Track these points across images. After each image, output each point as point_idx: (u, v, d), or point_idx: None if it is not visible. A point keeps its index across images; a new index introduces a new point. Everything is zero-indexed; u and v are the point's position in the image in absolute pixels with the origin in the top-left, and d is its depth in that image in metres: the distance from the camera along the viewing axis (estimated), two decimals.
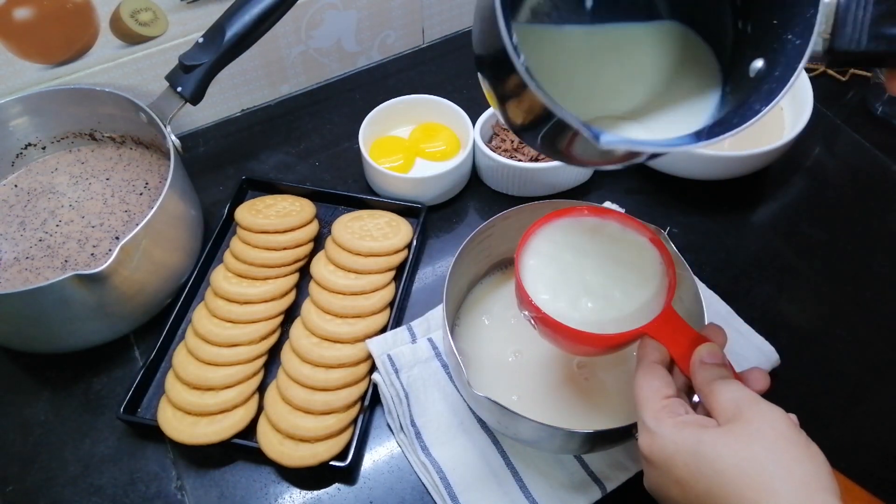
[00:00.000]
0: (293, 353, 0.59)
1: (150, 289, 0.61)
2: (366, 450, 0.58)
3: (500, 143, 0.72)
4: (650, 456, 0.39)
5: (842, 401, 0.60)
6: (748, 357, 0.59)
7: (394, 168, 0.70)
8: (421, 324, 0.62)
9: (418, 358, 0.59)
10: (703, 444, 0.37)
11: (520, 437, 0.51)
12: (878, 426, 0.58)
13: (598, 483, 0.54)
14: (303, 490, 0.56)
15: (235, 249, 0.64)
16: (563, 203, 0.57)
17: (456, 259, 0.54)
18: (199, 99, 0.65)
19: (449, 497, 0.53)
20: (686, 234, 0.69)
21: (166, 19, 0.69)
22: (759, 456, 0.36)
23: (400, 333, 0.60)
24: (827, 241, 0.69)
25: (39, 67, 0.67)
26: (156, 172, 0.70)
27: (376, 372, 0.58)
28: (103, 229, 0.66)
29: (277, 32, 0.75)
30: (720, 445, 0.36)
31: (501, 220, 0.57)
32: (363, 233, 0.65)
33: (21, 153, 0.70)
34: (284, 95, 0.83)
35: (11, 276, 0.63)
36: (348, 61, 0.84)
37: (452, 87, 0.82)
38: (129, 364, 0.62)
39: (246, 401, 0.57)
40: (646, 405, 0.41)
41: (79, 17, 0.65)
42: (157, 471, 0.57)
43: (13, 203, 0.68)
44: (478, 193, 0.73)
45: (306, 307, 0.62)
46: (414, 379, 0.58)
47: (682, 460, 0.38)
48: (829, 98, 0.81)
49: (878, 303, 0.65)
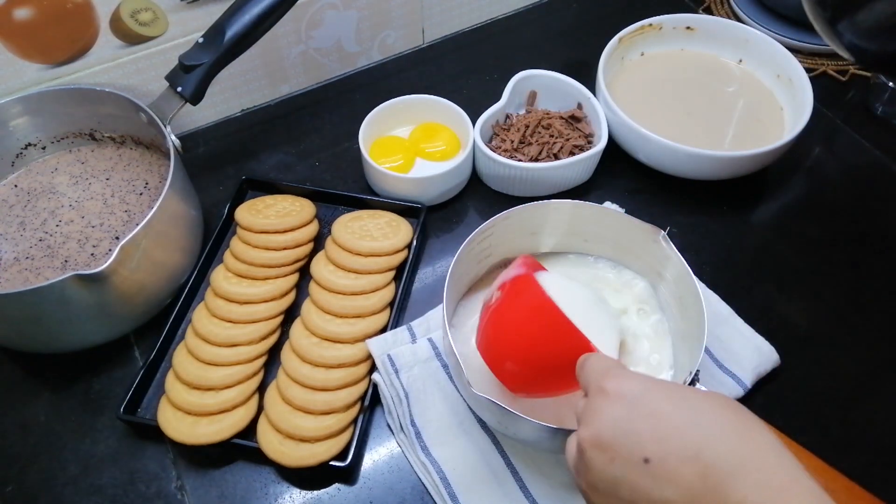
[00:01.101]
0: (293, 353, 0.59)
1: (150, 289, 0.61)
2: (366, 450, 0.58)
3: (500, 143, 0.72)
4: (622, 390, 0.38)
5: (842, 401, 0.60)
6: (748, 357, 0.59)
7: (394, 168, 0.70)
8: (421, 324, 0.62)
9: (418, 358, 0.59)
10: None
11: (519, 436, 0.51)
12: (878, 426, 0.58)
13: None
14: (303, 490, 0.56)
15: (235, 249, 0.64)
16: (563, 203, 0.57)
17: (456, 259, 0.54)
18: (199, 99, 0.65)
19: (449, 497, 0.53)
20: (686, 234, 0.69)
21: (166, 19, 0.69)
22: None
23: (400, 333, 0.60)
24: (827, 241, 0.69)
25: (39, 67, 0.67)
26: (156, 172, 0.70)
27: (376, 372, 0.58)
28: (103, 229, 0.66)
29: (277, 32, 0.75)
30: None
31: (502, 220, 0.57)
32: (363, 233, 0.65)
33: (21, 153, 0.70)
34: (284, 95, 0.83)
35: (11, 276, 0.63)
36: (348, 61, 0.84)
37: (452, 87, 0.82)
38: (129, 364, 0.62)
39: (246, 401, 0.57)
40: (604, 359, 0.43)
41: (79, 17, 0.65)
42: (157, 471, 0.57)
43: (13, 203, 0.68)
44: (478, 193, 0.73)
45: (306, 307, 0.62)
46: (414, 379, 0.58)
47: (665, 390, 0.37)
48: (829, 98, 0.81)
49: (878, 302, 0.65)
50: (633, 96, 0.76)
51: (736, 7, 0.89)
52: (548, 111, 0.75)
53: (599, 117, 0.71)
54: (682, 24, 0.80)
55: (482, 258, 0.61)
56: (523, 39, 0.89)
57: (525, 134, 0.72)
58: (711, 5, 0.92)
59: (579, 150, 0.71)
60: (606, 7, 0.92)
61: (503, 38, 0.89)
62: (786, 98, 0.75)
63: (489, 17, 0.91)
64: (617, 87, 0.77)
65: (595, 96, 0.73)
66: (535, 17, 0.92)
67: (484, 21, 0.91)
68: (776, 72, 0.76)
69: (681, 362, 0.56)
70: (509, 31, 0.90)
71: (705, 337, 0.51)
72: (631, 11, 0.82)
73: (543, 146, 0.71)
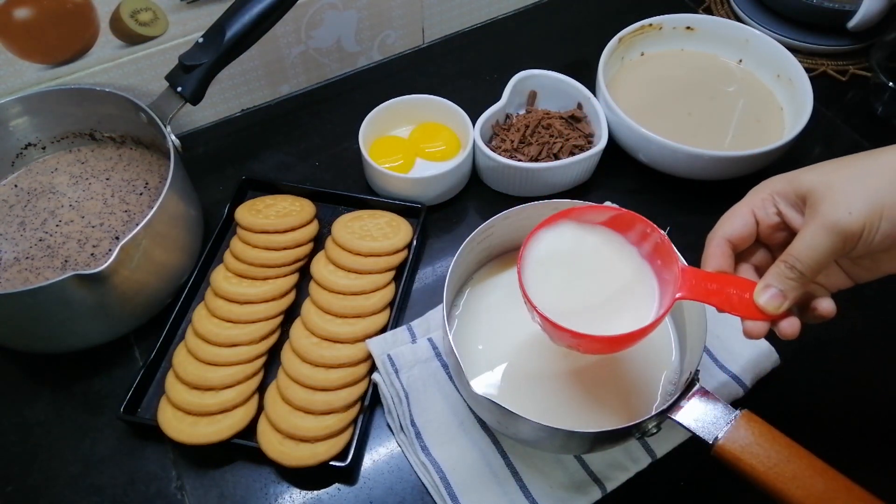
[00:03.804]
0: (293, 353, 0.59)
1: (150, 289, 0.61)
2: (366, 450, 0.58)
3: (500, 143, 0.72)
4: None
5: (842, 401, 0.60)
6: (748, 356, 0.59)
7: (394, 168, 0.70)
8: (421, 324, 0.62)
9: (418, 358, 0.59)
10: None
11: (520, 436, 0.51)
12: (878, 426, 0.58)
13: (598, 483, 0.54)
14: (303, 490, 0.56)
15: (235, 249, 0.64)
16: (563, 203, 0.57)
17: (456, 259, 0.54)
18: (199, 99, 0.65)
19: (449, 497, 0.53)
20: (686, 234, 0.69)
21: (166, 19, 0.69)
22: None
23: (400, 333, 0.60)
24: None
25: (39, 67, 0.67)
26: (156, 172, 0.70)
27: (376, 372, 0.58)
28: (103, 229, 0.66)
29: (277, 32, 0.75)
30: None
31: (502, 220, 0.57)
32: (363, 233, 0.65)
33: (21, 153, 0.70)
34: (284, 95, 0.83)
35: (11, 276, 0.63)
36: (348, 61, 0.84)
37: (452, 87, 0.82)
38: (129, 364, 0.62)
39: (246, 401, 0.57)
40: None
41: (79, 17, 0.65)
42: (157, 471, 0.57)
43: (13, 203, 0.68)
44: (478, 193, 0.73)
45: (306, 307, 0.62)
46: (414, 379, 0.58)
47: None
48: (829, 98, 0.81)
49: (878, 302, 0.65)
50: (633, 96, 0.76)
51: (736, 7, 0.89)
52: (548, 111, 0.75)
53: (599, 117, 0.71)
54: (682, 24, 0.80)
55: (483, 258, 0.61)
56: (523, 39, 0.89)
57: (525, 134, 0.72)
58: (711, 5, 0.92)
59: (579, 150, 0.71)
60: (606, 7, 0.92)
61: (503, 38, 0.89)
62: (786, 98, 0.75)
63: (489, 17, 0.91)
64: (617, 87, 0.77)
65: (595, 96, 0.73)
66: (535, 17, 0.92)
67: (484, 21, 0.91)
68: (776, 72, 0.76)
69: (681, 362, 0.56)
70: (509, 31, 0.90)
71: (705, 336, 0.51)
72: (631, 11, 0.82)
73: (543, 146, 0.71)
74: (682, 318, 0.57)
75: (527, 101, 0.77)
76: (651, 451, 0.56)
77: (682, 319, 0.57)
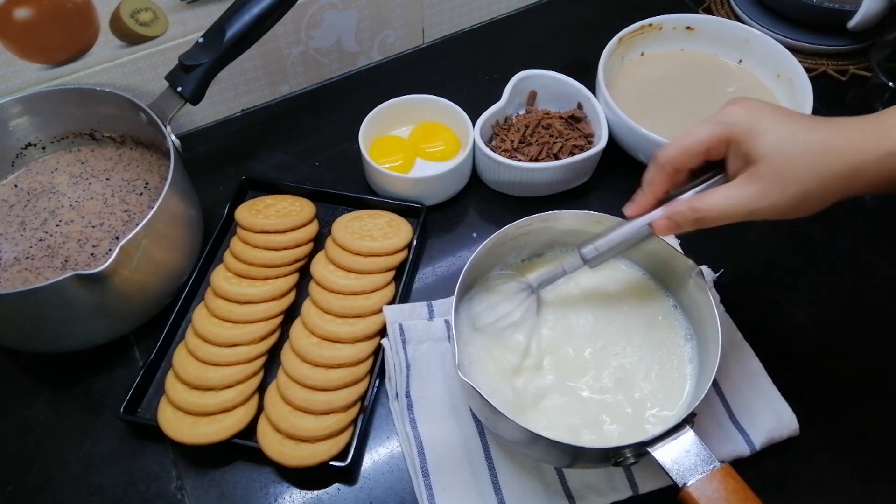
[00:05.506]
0: (293, 353, 0.59)
1: (150, 289, 0.61)
2: (366, 450, 0.58)
3: (500, 143, 0.72)
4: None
5: (842, 401, 0.60)
6: (765, 418, 0.56)
7: (394, 168, 0.70)
8: (442, 304, 0.63)
9: (431, 335, 0.60)
10: None
11: (499, 431, 0.52)
12: (878, 426, 0.58)
13: (570, 500, 0.53)
14: (303, 490, 0.56)
15: (235, 249, 0.64)
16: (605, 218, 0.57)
17: (481, 250, 0.54)
18: (199, 99, 0.65)
19: (422, 472, 0.54)
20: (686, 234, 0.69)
21: (166, 19, 0.69)
22: None
23: (419, 308, 0.62)
24: (827, 241, 0.69)
25: (39, 67, 0.67)
26: (156, 172, 0.70)
27: (385, 337, 0.59)
28: (103, 229, 0.66)
29: (277, 32, 0.75)
30: None
31: (540, 222, 0.57)
32: (363, 233, 0.65)
33: (21, 153, 0.70)
34: (284, 95, 0.83)
35: (11, 276, 0.63)
36: (348, 61, 0.84)
37: (452, 87, 0.82)
38: (129, 364, 0.62)
39: (246, 401, 0.57)
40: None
41: (79, 17, 0.65)
42: (157, 471, 0.57)
43: (13, 203, 0.68)
44: (478, 193, 0.73)
45: (306, 307, 0.62)
46: (420, 354, 0.59)
47: None
48: (829, 98, 0.81)
49: (878, 302, 0.65)
50: (633, 96, 0.76)
51: (736, 7, 0.89)
52: (548, 111, 0.75)
53: (599, 117, 0.71)
54: (682, 24, 0.80)
55: (509, 256, 0.60)
56: (523, 39, 0.89)
57: (525, 134, 0.72)
58: (711, 5, 0.92)
59: (579, 150, 0.71)
60: (606, 7, 0.92)
61: (503, 38, 0.89)
62: (786, 98, 0.75)
63: (489, 17, 0.91)
64: (617, 87, 0.77)
65: (595, 96, 0.73)
66: (535, 17, 0.92)
67: (484, 21, 0.91)
68: (776, 72, 0.76)
69: (692, 394, 0.54)
70: (509, 31, 0.90)
71: (713, 375, 0.48)
72: (631, 11, 0.82)
73: (543, 146, 0.71)
74: (700, 347, 0.55)
75: (527, 101, 0.77)
76: (634, 485, 0.54)
77: (701, 348, 0.55)
